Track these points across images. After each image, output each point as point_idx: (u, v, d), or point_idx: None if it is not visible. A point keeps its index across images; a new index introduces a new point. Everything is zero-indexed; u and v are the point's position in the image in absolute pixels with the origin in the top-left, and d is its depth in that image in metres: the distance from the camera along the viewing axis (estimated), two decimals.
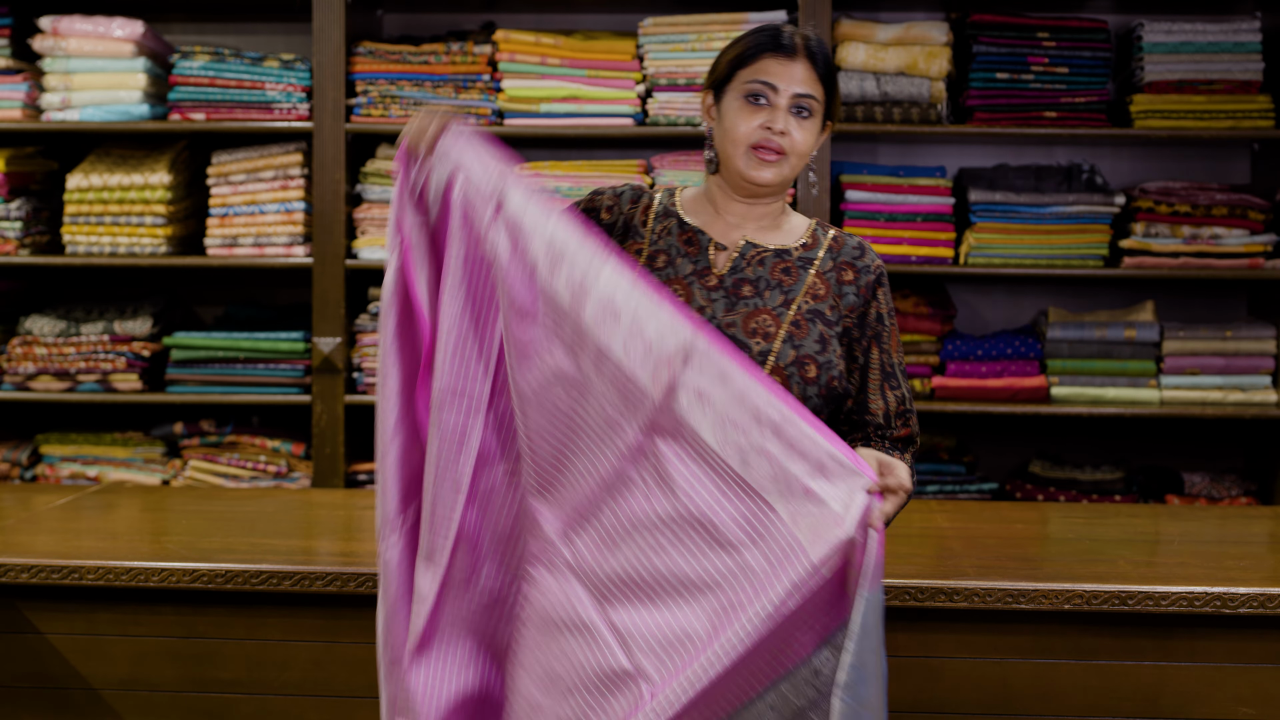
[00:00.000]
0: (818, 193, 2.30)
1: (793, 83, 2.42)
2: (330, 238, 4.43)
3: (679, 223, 2.52)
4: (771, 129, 2.42)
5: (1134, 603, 2.83)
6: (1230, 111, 4.42)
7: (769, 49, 2.44)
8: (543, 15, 4.73)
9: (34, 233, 4.63)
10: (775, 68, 2.43)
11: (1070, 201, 4.46)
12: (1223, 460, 4.72)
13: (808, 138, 2.45)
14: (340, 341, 4.44)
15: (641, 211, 2.54)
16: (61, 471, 4.61)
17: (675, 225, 2.51)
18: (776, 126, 2.42)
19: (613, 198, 2.56)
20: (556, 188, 4.44)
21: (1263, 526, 3.63)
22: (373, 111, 4.46)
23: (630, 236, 2.52)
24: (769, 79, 2.42)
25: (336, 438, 4.44)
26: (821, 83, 2.45)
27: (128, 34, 4.50)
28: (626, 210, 2.54)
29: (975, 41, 4.46)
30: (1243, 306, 4.74)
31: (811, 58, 2.44)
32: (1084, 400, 4.48)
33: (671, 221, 2.52)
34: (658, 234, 2.51)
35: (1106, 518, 3.63)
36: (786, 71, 2.42)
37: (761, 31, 2.47)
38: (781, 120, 2.42)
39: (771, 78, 2.42)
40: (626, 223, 2.53)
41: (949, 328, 4.56)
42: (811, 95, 2.43)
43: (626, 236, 2.52)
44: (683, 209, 2.54)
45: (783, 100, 2.42)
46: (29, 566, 2.99)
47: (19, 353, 4.56)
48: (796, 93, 2.42)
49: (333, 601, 2.97)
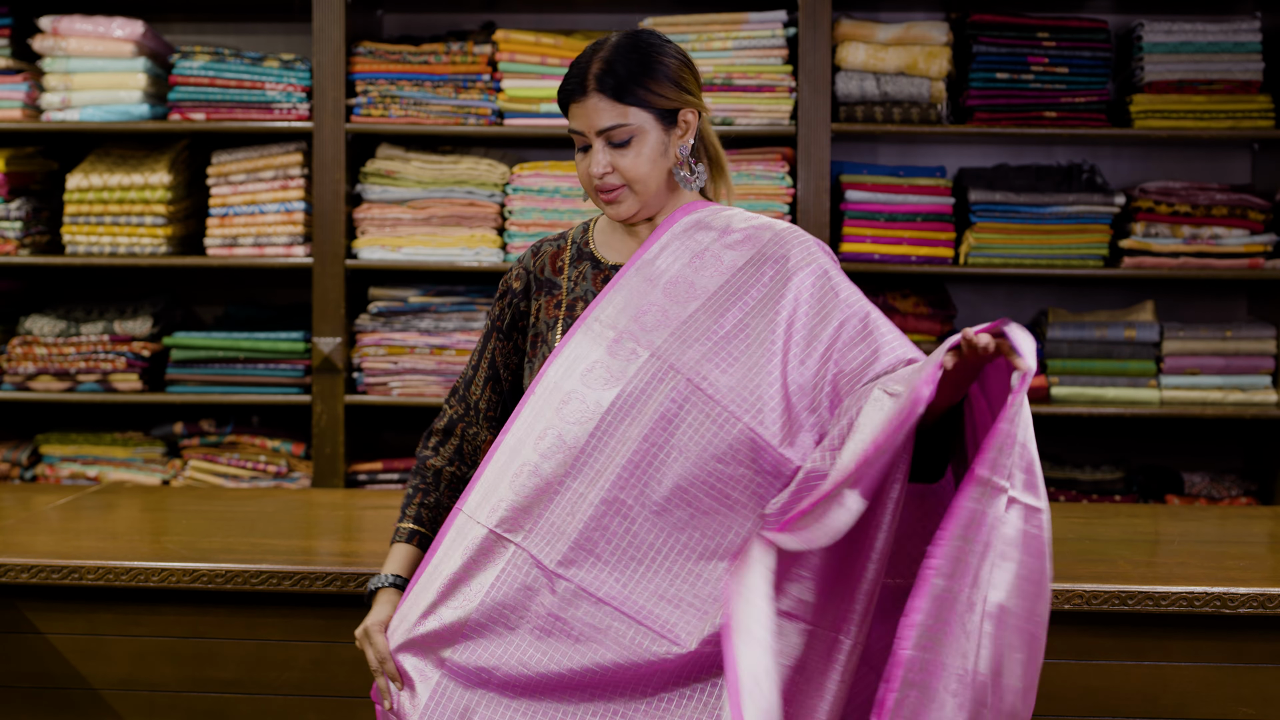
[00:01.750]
0: (703, 183, 2.30)
1: (592, 121, 2.36)
2: (330, 238, 4.43)
3: (593, 263, 2.49)
4: (593, 174, 2.38)
5: (1134, 603, 2.83)
6: (1230, 111, 4.42)
7: (567, 96, 2.39)
8: (543, 15, 4.73)
9: (34, 233, 4.63)
10: (576, 111, 2.38)
11: (1070, 201, 4.46)
12: (1223, 460, 4.72)
13: (639, 161, 2.37)
14: (340, 341, 4.44)
15: (551, 263, 2.52)
16: (61, 471, 4.61)
17: (589, 268, 2.49)
18: (595, 171, 2.37)
19: (516, 266, 2.55)
20: (556, 188, 4.44)
21: (1263, 526, 3.63)
22: (373, 111, 4.46)
23: (549, 291, 2.50)
24: (575, 125, 2.39)
25: (336, 438, 4.44)
26: (631, 105, 2.36)
27: (128, 34, 4.50)
28: (534, 266, 2.53)
29: (975, 41, 4.46)
30: (1243, 306, 4.74)
31: (603, 86, 2.36)
32: (1084, 400, 4.48)
33: (585, 265, 2.50)
34: (574, 280, 2.49)
35: (1106, 518, 3.63)
36: (583, 112, 2.37)
37: (569, 71, 2.41)
38: (600, 163, 2.37)
39: (575, 123, 2.39)
40: (538, 279, 2.51)
41: (949, 328, 4.56)
42: (617, 125, 2.36)
43: (546, 292, 2.50)
44: (596, 243, 2.52)
45: (594, 141, 2.38)
46: (29, 566, 2.99)
47: (19, 353, 4.56)
48: (599, 129, 2.36)
49: (333, 601, 2.97)
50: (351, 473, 4.50)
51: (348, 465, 4.48)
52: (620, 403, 2.31)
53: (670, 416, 2.28)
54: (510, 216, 4.47)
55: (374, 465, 4.51)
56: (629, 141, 2.37)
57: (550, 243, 2.55)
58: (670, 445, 2.28)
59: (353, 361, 4.50)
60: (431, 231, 4.47)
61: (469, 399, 2.58)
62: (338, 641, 2.98)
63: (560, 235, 2.56)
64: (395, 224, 4.48)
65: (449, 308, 4.51)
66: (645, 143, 2.38)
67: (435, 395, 4.46)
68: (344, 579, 2.94)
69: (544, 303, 2.50)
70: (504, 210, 4.49)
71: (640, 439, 2.28)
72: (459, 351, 4.46)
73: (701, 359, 2.32)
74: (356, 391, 4.51)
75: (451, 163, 4.49)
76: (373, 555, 3.12)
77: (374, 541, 3.44)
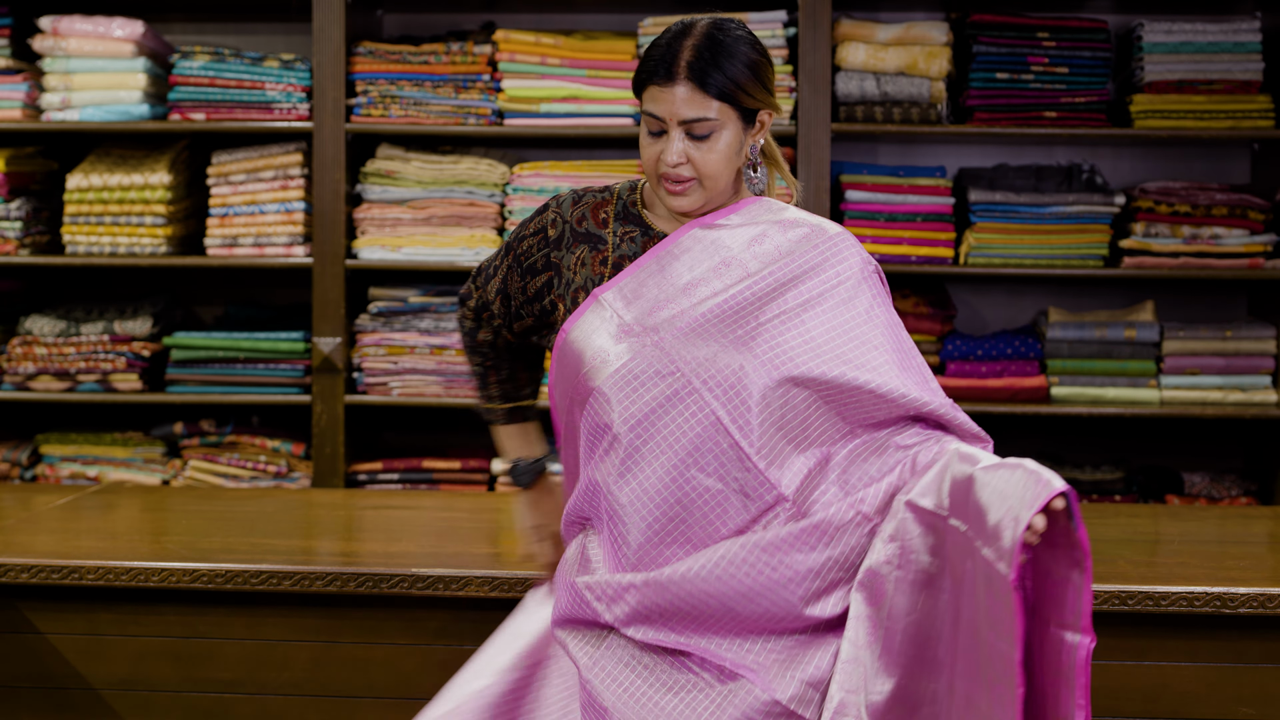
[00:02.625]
0: (763, 186, 2.29)
1: (677, 110, 2.27)
2: (330, 238, 4.43)
3: (641, 228, 2.42)
4: (666, 162, 2.30)
5: (1134, 603, 2.83)
6: (1230, 111, 4.42)
7: (650, 78, 2.30)
8: (543, 15, 4.73)
9: (34, 233, 4.63)
10: (659, 95, 2.28)
11: (1070, 201, 4.46)
12: (1223, 460, 4.72)
13: (715, 157, 2.30)
14: (340, 341, 4.44)
15: (593, 214, 2.44)
16: (61, 471, 4.61)
17: (639, 233, 2.42)
18: (669, 160, 2.29)
19: (551, 213, 2.47)
20: (556, 188, 4.44)
21: (1263, 526, 3.63)
22: (373, 111, 4.46)
23: (592, 245, 2.42)
24: (654, 110, 2.29)
25: (336, 438, 4.44)
26: (718, 100, 2.28)
27: (128, 34, 4.50)
28: (571, 216, 2.44)
29: (975, 41, 4.46)
30: (1243, 306, 4.74)
31: (696, 80, 2.27)
32: (1084, 400, 4.48)
33: (634, 229, 2.42)
34: (620, 237, 2.42)
35: (1106, 518, 3.63)
36: (668, 99, 2.27)
37: (651, 51, 2.32)
38: (675, 152, 2.29)
39: (656, 108, 2.29)
40: (575, 230, 2.43)
41: (949, 328, 4.56)
42: (701, 118, 2.27)
43: (589, 246, 2.42)
44: (646, 209, 2.44)
45: (673, 129, 2.29)
46: (29, 566, 2.99)
47: (19, 353, 4.56)
48: (682, 119, 2.28)
49: (333, 601, 2.97)
50: (351, 473, 4.50)
51: (348, 465, 4.48)
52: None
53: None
54: (510, 216, 4.47)
55: (374, 465, 4.51)
56: (709, 135, 2.29)
57: (594, 194, 2.46)
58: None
59: (353, 361, 4.50)
60: (431, 231, 4.47)
61: (487, 294, 2.54)
62: (337, 641, 2.98)
63: (605, 188, 2.47)
64: (395, 224, 4.48)
65: (449, 308, 4.51)
66: (724, 139, 2.31)
67: (435, 395, 4.46)
68: (344, 579, 2.94)
69: (585, 255, 2.42)
70: (504, 210, 4.49)
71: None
72: (459, 352, 4.45)
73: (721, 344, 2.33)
74: (356, 391, 4.51)
75: (451, 163, 4.49)
76: (373, 555, 3.12)
77: (374, 542, 3.44)
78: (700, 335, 2.30)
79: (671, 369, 2.29)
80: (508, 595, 2.90)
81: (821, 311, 2.32)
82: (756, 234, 2.37)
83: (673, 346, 2.30)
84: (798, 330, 2.30)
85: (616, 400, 2.29)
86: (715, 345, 2.29)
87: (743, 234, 2.37)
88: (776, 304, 2.32)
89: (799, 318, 2.31)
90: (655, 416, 2.28)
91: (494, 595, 2.92)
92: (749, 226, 2.38)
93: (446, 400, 4.46)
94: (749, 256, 2.35)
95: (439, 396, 4.46)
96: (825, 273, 2.34)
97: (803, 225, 2.39)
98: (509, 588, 2.91)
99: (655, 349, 2.30)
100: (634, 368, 2.30)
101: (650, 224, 2.42)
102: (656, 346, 2.30)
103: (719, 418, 2.26)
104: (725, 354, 2.28)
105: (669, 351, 2.30)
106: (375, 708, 2.98)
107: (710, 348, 2.29)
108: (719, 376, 2.27)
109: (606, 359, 2.31)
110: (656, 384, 2.29)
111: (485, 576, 2.92)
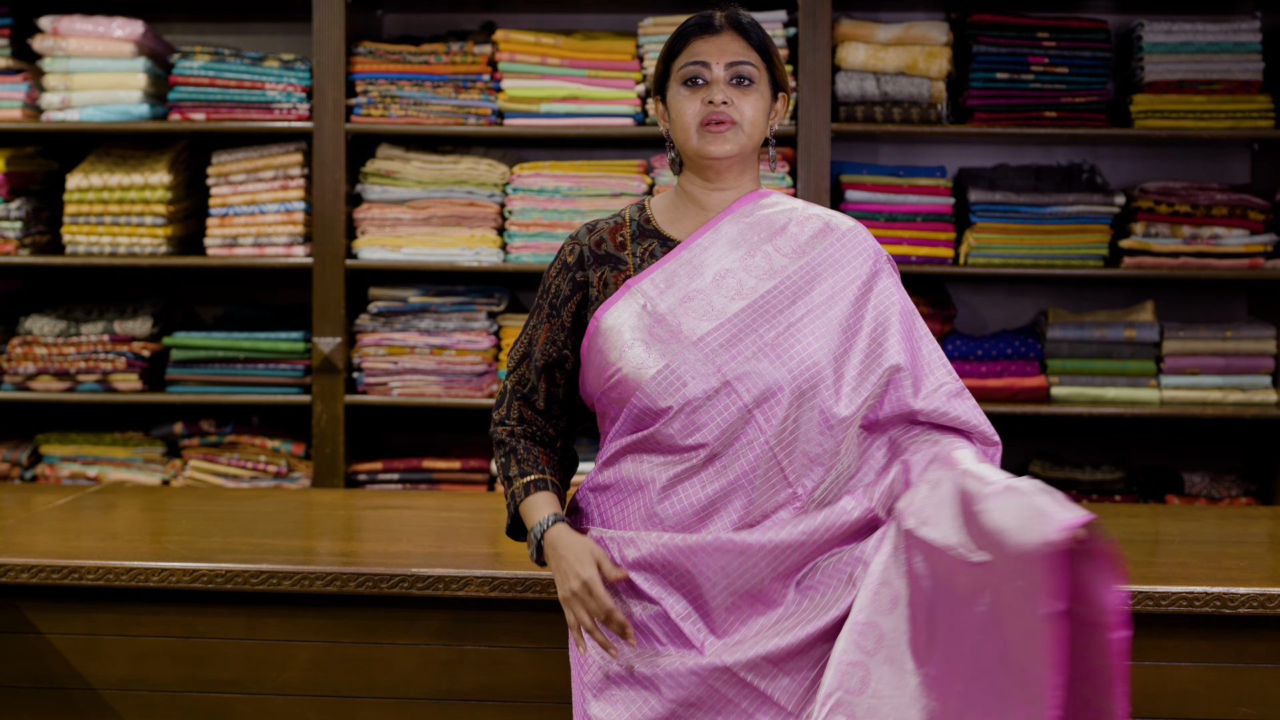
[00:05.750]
0: (783, 176, 2.32)
1: (724, 55, 2.43)
2: (330, 238, 4.43)
3: (659, 240, 2.49)
4: (713, 102, 2.42)
5: (1134, 603, 2.83)
6: (1230, 111, 4.42)
7: (694, 32, 2.46)
8: (543, 15, 4.73)
9: (34, 233, 4.63)
10: (703, 46, 2.44)
11: (1070, 201, 4.46)
12: (1223, 460, 4.72)
13: (754, 108, 2.44)
14: (340, 341, 4.44)
15: (610, 238, 2.51)
16: (61, 471, 4.61)
17: (657, 245, 2.49)
18: (716, 99, 2.42)
19: (568, 244, 2.53)
20: (557, 188, 4.44)
21: (1263, 526, 3.63)
22: (373, 111, 4.46)
23: (613, 265, 2.48)
24: (699, 58, 2.44)
25: (336, 438, 4.44)
26: (756, 51, 2.45)
27: (128, 34, 4.50)
28: (589, 241, 2.50)
29: (975, 41, 4.46)
30: (1243, 306, 4.74)
31: (738, 29, 2.45)
32: (1084, 400, 4.48)
33: (652, 242, 2.49)
34: (640, 255, 2.49)
35: (1106, 518, 3.63)
36: (715, 46, 2.44)
37: (683, 25, 2.48)
38: (720, 92, 2.42)
39: (701, 55, 2.44)
40: (595, 253, 2.49)
41: (949, 328, 4.56)
42: (746, 62, 2.44)
43: (610, 266, 2.48)
44: (659, 219, 2.52)
45: (719, 74, 2.43)
46: (29, 566, 2.99)
47: (19, 353, 4.56)
48: (730, 62, 2.43)
49: (332, 601, 2.97)
50: (351, 473, 4.50)
51: (348, 465, 4.48)
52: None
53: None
54: (510, 216, 4.47)
55: (374, 465, 4.51)
56: (749, 86, 2.44)
57: (605, 221, 2.54)
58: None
59: (353, 361, 4.50)
60: (431, 231, 4.47)
61: (527, 374, 2.54)
62: (337, 641, 2.98)
63: (614, 215, 2.56)
64: (395, 224, 4.48)
65: (449, 308, 4.51)
66: (759, 94, 2.46)
67: (435, 395, 4.47)
68: (344, 579, 2.94)
69: (606, 274, 2.48)
70: (504, 210, 4.49)
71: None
72: (459, 351, 4.46)
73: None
74: (356, 391, 4.51)
75: (451, 163, 4.49)
76: (373, 555, 3.12)
77: (374, 542, 3.44)
78: (734, 339, 2.39)
79: (712, 369, 2.38)
80: (508, 595, 2.91)
81: (843, 308, 2.46)
82: (779, 226, 2.48)
83: (709, 351, 2.39)
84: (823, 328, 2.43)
85: (653, 393, 2.39)
86: (749, 348, 2.39)
87: (765, 226, 2.48)
88: (803, 302, 2.42)
89: (824, 316, 2.42)
90: (693, 408, 2.37)
91: (494, 595, 2.92)
92: (774, 216, 2.49)
93: (446, 400, 4.46)
94: (772, 249, 2.46)
95: (439, 396, 4.46)
96: (844, 269, 2.48)
97: (820, 218, 2.51)
98: (509, 588, 2.91)
99: (694, 351, 2.39)
100: (671, 371, 2.39)
101: (666, 233, 2.51)
102: (695, 349, 2.39)
103: (754, 417, 2.36)
104: (757, 362, 2.38)
105: (709, 357, 2.39)
106: (375, 708, 2.98)
107: (744, 350, 2.39)
108: (751, 381, 2.37)
109: (644, 364, 2.39)
110: (696, 384, 2.37)
111: (485, 576, 2.92)
